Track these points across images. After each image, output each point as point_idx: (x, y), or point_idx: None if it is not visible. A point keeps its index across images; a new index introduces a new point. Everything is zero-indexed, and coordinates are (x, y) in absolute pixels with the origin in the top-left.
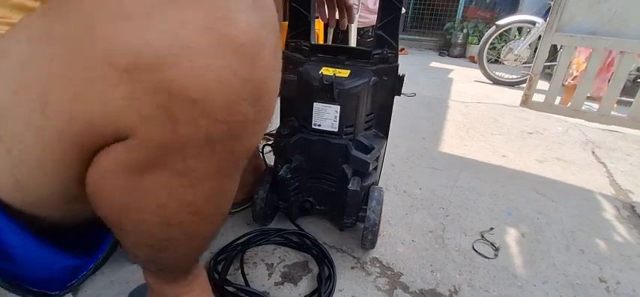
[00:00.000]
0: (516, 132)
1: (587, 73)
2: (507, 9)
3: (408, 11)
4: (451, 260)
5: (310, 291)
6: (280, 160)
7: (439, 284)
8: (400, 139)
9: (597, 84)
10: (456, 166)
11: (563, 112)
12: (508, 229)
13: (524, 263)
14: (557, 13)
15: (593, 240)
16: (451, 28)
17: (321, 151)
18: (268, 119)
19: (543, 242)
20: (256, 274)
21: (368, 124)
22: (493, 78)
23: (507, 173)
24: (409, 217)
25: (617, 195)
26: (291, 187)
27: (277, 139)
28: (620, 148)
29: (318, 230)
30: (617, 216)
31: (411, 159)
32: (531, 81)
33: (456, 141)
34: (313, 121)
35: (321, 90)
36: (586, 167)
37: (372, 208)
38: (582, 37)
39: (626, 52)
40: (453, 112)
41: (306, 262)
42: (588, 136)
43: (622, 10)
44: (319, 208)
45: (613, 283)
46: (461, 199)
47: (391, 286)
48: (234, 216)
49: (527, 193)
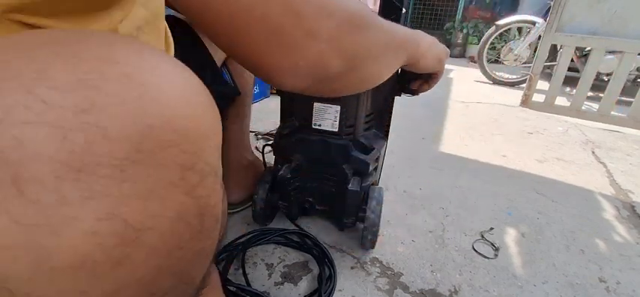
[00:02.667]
0: (516, 132)
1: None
2: (507, 9)
3: (408, 11)
4: (451, 260)
5: (310, 291)
6: (280, 160)
7: (439, 284)
8: (400, 139)
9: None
10: (456, 166)
11: (563, 112)
12: (508, 229)
13: (524, 263)
14: (557, 13)
15: (593, 240)
16: (451, 28)
17: (321, 151)
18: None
19: (543, 242)
20: (256, 274)
21: (368, 125)
22: (493, 78)
23: (507, 173)
24: (409, 217)
25: (617, 195)
26: (291, 187)
27: (277, 139)
28: (620, 148)
29: (318, 230)
30: (617, 216)
31: (411, 159)
32: (531, 81)
33: (456, 141)
34: (313, 121)
35: None
36: (586, 167)
37: (372, 208)
38: (582, 37)
39: (626, 52)
40: (453, 112)
41: (306, 262)
42: (588, 136)
43: (622, 10)
44: (319, 208)
45: (613, 283)
46: (461, 199)
47: (391, 286)
48: (234, 216)
49: (527, 193)
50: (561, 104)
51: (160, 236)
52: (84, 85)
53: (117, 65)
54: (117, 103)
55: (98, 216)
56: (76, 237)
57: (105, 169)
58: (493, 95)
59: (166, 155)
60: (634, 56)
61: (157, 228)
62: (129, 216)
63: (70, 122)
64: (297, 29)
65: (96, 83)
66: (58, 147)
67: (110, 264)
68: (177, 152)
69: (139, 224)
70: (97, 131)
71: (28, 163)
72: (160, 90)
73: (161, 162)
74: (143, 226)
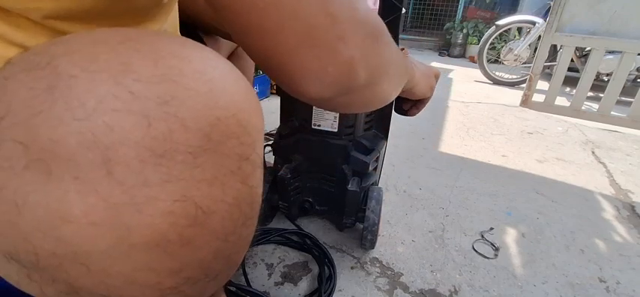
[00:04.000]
0: (516, 132)
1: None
2: (507, 9)
3: (408, 11)
4: (451, 260)
5: (310, 291)
6: (280, 160)
7: (439, 284)
8: (400, 139)
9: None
10: (456, 166)
11: (563, 112)
12: (508, 229)
13: (524, 263)
14: (557, 13)
15: (592, 240)
16: (451, 28)
17: (321, 151)
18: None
19: (543, 242)
20: (256, 274)
21: (368, 125)
22: (493, 78)
23: (507, 173)
24: (409, 217)
25: (617, 195)
26: (291, 187)
27: (277, 139)
28: (620, 148)
29: (317, 230)
30: (617, 216)
31: (411, 159)
32: (531, 81)
33: (456, 141)
34: (313, 122)
35: None
36: (586, 167)
37: (372, 208)
38: (582, 37)
39: (626, 52)
40: (453, 112)
41: (306, 262)
42: (588, 136)
43: (622, 10)
44: (319, 209)
45: (613, 283)
46: (461, 199)
47: (391, 286)
48: None
49: (527, 193)
50: (561, 104)
51: (221, 220)
52: (165, 78)
53: (190, 62)
54: (193, 96)
55: (175, 197)
56: (156, 216)
57: (181, 156)
58: (493, 95)
59: (229, 145)
60: (634, 56)
61: (219, 212)
62: (199, 199)
63: (154, 111)
64: (330, 32)
65: (175, 78)
66: (144, 133)
67: (180, 243)
68: (237, 143)
69: (206, 208)
70: (177, 121)
71: (117, 147)
72: (224, 86)
73: (225, 151)
74: (209, 209)
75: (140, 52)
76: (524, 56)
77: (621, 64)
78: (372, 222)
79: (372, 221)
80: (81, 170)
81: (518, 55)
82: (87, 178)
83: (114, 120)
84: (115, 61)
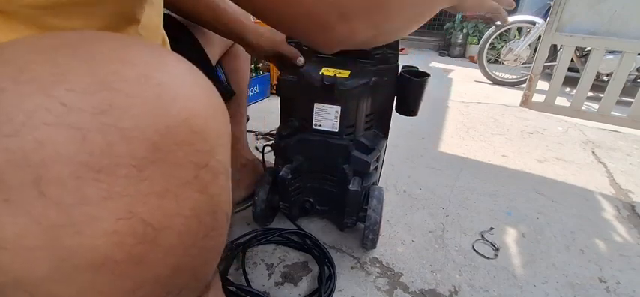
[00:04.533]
0: (516, 132)
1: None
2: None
3: None
4: (451, 260)
5: (310, 291)
6: (280, 160)
7: (439, 284)
8: (400, 139)
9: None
10: (456, 166)
11: (563, 112)
12: (508, 229)
13: (524, 263)
14: (557, 13)
15: (592, 240)
16: (451, 28)
17: (322, 151)
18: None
19: (543, 242)
20: (256, 274)
21: (368, 125)
22: (493, 78)
23: (507, 173)
24: (409, 217)
25: (617, 195)
26: (292, 187)
27: (277, 140)
28: (620, 148)
29: (317, 230)
30: (617, 216)
31: (411, 159)
32: (531, 81)
33: (456, 141)
34: (314, 122)
35: (322, 90)
36: (586, 167)
37: (373, 207)
38: (582, 37)
39: (626, 52)
40: (453, 112)
41: (306, 262)
42: (588, 136)
43: (622, 10)
44: (320, 209)
45: (613, 283)
46: (461, 199)
47: (391, 286)
48: (234, 216)
49: (527, 193)
50: (561, 104)
51: (177, 234)
52: (102, 86)
53: (134, 66)
54: (136, 103)
55: (118, 215)
56: (98, 236)
57: (124, 170)
58: (493, 95)
59: (182, 154)
60: (634, 56)
61: (173, 226)
62: (147, 215)
63: (88, 123)
64: (331, 14)
65: (114, 85)
66: (78, 148)
67: (129, 263)
68: (192, 151)
69: (157, 223)
70: (116, 132)
71: (49, 165)
72: (176, 90)
73: (177, 161)
74: (160, 225)
75: (76, 59)
76: (524, 56)
77: (621, 64)
78: (373, 221)
79: (373, 221)
80: (11, 192)
81: (518, 55)
82: (18, 199)
83: (45, 135)
84: (48, 70)
